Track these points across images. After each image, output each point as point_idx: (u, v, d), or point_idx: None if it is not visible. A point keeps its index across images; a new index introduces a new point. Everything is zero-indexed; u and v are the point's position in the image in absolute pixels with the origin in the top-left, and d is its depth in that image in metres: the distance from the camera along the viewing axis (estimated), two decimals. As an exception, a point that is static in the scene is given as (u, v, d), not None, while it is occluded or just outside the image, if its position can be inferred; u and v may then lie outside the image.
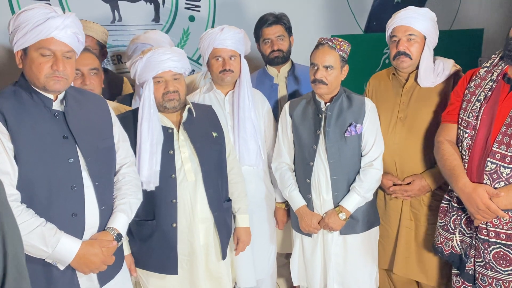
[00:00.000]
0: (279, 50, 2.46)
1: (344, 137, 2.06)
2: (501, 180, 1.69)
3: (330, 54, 2.00)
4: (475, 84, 1.84)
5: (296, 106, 2.18)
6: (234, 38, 2.09)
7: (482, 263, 1.78)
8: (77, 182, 1.52)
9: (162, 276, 1.91)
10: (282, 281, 2.83)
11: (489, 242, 1.75)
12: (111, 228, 1.59)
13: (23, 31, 1.45)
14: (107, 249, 1.55)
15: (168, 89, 1.82)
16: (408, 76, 2.17)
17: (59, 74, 1.49)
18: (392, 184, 2.19)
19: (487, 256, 1.75)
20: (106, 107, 1.73)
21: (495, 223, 1.73)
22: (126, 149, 1.75)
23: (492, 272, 1.76)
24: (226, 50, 2.09)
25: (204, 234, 1.90)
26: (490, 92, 1.78)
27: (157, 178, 1.81)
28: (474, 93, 1.82)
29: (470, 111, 1.81)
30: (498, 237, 1.73)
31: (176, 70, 1.83)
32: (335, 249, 2.15)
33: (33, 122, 1.48)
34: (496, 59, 1.83)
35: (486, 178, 1.72)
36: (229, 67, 2.10)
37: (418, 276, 2.22)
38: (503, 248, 1.73)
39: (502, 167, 1.69)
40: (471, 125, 1.79)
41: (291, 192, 2.17)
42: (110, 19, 2.98)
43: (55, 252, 1.45)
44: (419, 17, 2.07)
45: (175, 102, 1.84)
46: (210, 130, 1.97)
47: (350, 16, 3.74)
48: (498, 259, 1.74)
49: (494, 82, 1.78)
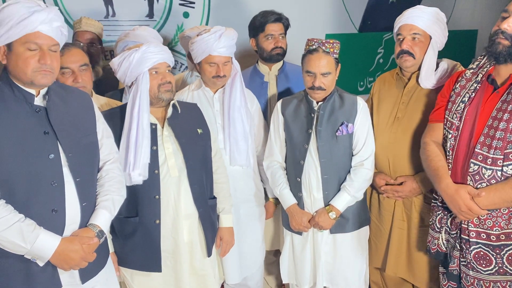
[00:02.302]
0: (281, 47, 2.48)
1: (336, 137, 2.06)
2: (483, 181, 1.69)
3: (325, 60, 2.00)
4: (460, 85, 1.84)
5: (288, 104, 2.18)
6: (230, 44, 2.08)
7: (465, 263, 1.79)
8: (57, 178, 1.51)
9: (147, 273, 1.90)
10: (271, 278, 2.83)
11: (469, 242, 1.75)
12: (93, 225, 1.57)
13: (7, 26, 1.43)
14: (88, 246, 1.53)
15: (165, 79, 1.82)
16: (411, 76, 2.17)
17: (47, 68, 1.48)
18: (384, 183, 2.19)
19: (468, 256, 1.76)
20: (90, 102, 1.72)
21: (476, 222, 1.74)
22: (110, 145, 1.73)
23: (473, 272, 1.76)
24: (221, 57, 2.08)
25: (188, 230, 1.89)
26: (474, 93, 1.77)
27: (147, 171, 1.80)
28: (459, 94, 1.83)
29: (454, 112, 1.81)
30: (479, 236, 1.73)
31: (169, 63, 1.86)
32: (325, 247, 2.16)
33: (13, 117, 1.47)
34: (482, 61, 1.83)
35: (469, 179, 1.73)
36: (223, 73, 2.10)
37: (406, 275, 2.24)
38: (483, 248, 1.73)
39: (484, 168, 1.68)
40: (455, 125, 1.79)
41: (282, 191, 2.17)
42: (104, 14, 2.96)
43: (34, 248, 1.44)
44: (425, 16, 2.05)
45: (170, 93, 1.84)
46: (195, 127, 1.96)
47: (345, 15, 3.74)
48: (478, 259, 1.74)
49: (479, 83, 1.78)
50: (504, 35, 1.64)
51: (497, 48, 1.66)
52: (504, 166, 1.65)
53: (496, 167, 1.66)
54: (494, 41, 1.67)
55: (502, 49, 1.65)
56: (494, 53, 1.68)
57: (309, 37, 2.07)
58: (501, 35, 1.65)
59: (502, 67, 1.72)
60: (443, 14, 2.13)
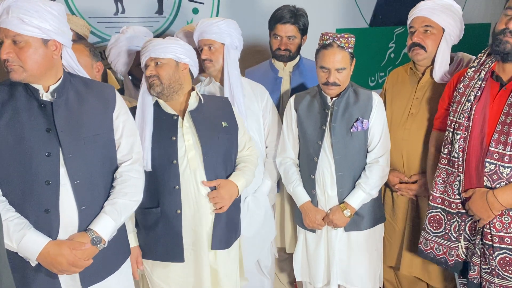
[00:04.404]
0: (286, 50, 2.41)
1: (350, 133, 2.03)
2: (501, 181, 1.65)
3: (340, 55, 1.96)
4: (464, 85, 1.80)
5: (301, 100, 2.15)
6: (211, 29, 2.12)
7: (489, 270, 1.71)
8: (52, 178, 1.46)
9: (167, 265, 1.90)
10: (284, 275, 2.82)
11: (493, 247, 1.68)
12: (91, 230, 1.51)
13: None
14: (81, 252, 1.47)
15: (151, 73, 1.84)
16: (425, 71, 2.13)
17: (12, 63, 1.43)
18: (398, 181, 2.17)
19: (492, 262, 1.69)
20: (111, 99, 1.65)
21: (498, 227, 1.67)
22: (130, 144, 1.67)
23: (499, 280, 1.69)
24: (203, 41, 2.15)
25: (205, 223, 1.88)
26: (479, 91, 1.73)
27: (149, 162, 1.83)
28: (464, 93, 1.78)
29: (461, 112, 1.76)
30: (502, 241, 1.66)
31: (154, 55, 1.83)
32: (339, 245, 2.14)
33: (17, 113, 1.45)
34: (483, 58, 1.79)
35: (486, 179, 1.68)
36: (205, 56, 2.15)
37: (421, 274, 2.21)
38: (508, 254, 1.66)
39: (502, 167, 1.64)
40: (463, 126, 1.74)
41: (295, 188, 2.15)
42: (113, 11, 2.95)
43: (20, 247, 1.42)
44: (439, 8, 2.01)
45: (155, 87, 1.84)
46: (220, 120, 1.95)
47: (356, 9, 3.70)
48: (504, 265, 1.67)
49: (483, 80, 1.74)
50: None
51: (506, 47, 1.64)
52: None
53: None
54: (502, 40, 1.64)
55: (510, 49, 1.63)
56: (502, 52, 1.66)
57: (320, 33, 2.04)
58: (509, 34, 1.62)
59: (508, 64, 1.69)
60: (458, 7, 2.08)
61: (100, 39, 2.94)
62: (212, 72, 2.20)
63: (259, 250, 2.33)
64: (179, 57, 1.86)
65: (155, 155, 1.84)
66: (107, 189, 1.61)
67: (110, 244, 1.58)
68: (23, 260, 1.47)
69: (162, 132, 1.86)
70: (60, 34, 1.51)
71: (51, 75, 1.53)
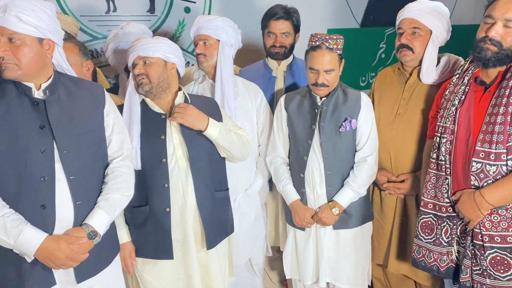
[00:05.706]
0: (282, 47, 2.43)
1: (339, 132, 2.05)
2: (488, 179, 1.67)
3: (328, 57, 1.98)
4: (449, 92, 1.85)
5: (291, 100, 2.17)
6: (207, 25, 2.13)
7: (480, 271, 1.71)
8: (48, 174, 1.48)
9: (157, 263, 1.92)
10: (274, 274, 2.84)
11: (484, 247, 1.68)
12: (86, 225, 1.54)
13: None
14: (78, 246, 1.50)
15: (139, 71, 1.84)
16: (412, 71, 2.16)
17: (8, 60, 1.44)
18: (386, 180, 2.19)
19: (484, 262, 1.69)
20: (101, 97, 1.68)
21: (488, 226, 1.69)
22: (120, 141, 1.70)
23: (491, 280, 1.69)
24: (199, 36, 2.16)
25: (193, 221, 1.90)
26: (463, 95, 1.77)
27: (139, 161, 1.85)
28: (449, 99, 1.82)
29: (446, 117, 1.80)
30: (492, 240, 1.67)
31: (143, 54, 1.83)
32: (328, 243, 2.16)
33: (10, 111, 1.46)
34: (466, 64, 1.83)
35: (473, 179, 1.70)
36: (199, 51, 2.16)
37: (409, 272, 2.23)
38: (499, 252, 1.67)
39: (488, 165, 1.66)
40: (449, 129, 1.78)
41: (285, 186, 2.17)
42: (105, 10, 2.95)
43: (17, 243, 1.43)
44: (427, 10, 2.04)
45: (144, 85, 1.84)
46: None
47: (347, 10, 3.72)
48: (495, 265, 1.68)
49: (466, 85, 1.78)
50: (492, 42, 1.65)
51: (486, 54, 1.67)
52: (509, 160, 1.63)
53: (500, 162, 1.64)
54: (482, 47, 1.68)
55: (491, 55, 1.67)
56: (483, 59, 1.69)
57: (311, 33, 2.05)
58: (489, 42, 1.66)
59: (490, 69, 1.72)
60: (445, 9, 2.11)
61: (92, 37, 2.94)
62: (206, 67, 2.20)
63: (250, 247, 2.35)
64: (168, 57, 1.87)
65: (144, 154, 1.85)
66: (99, 185, 1.64)
67: (102, 239, 1.60)
68: (18, 256, 1.48)
69: (150, 130, 1.87)
70: (54, 33, 1.53)
71: (43, 74, 1.54)
